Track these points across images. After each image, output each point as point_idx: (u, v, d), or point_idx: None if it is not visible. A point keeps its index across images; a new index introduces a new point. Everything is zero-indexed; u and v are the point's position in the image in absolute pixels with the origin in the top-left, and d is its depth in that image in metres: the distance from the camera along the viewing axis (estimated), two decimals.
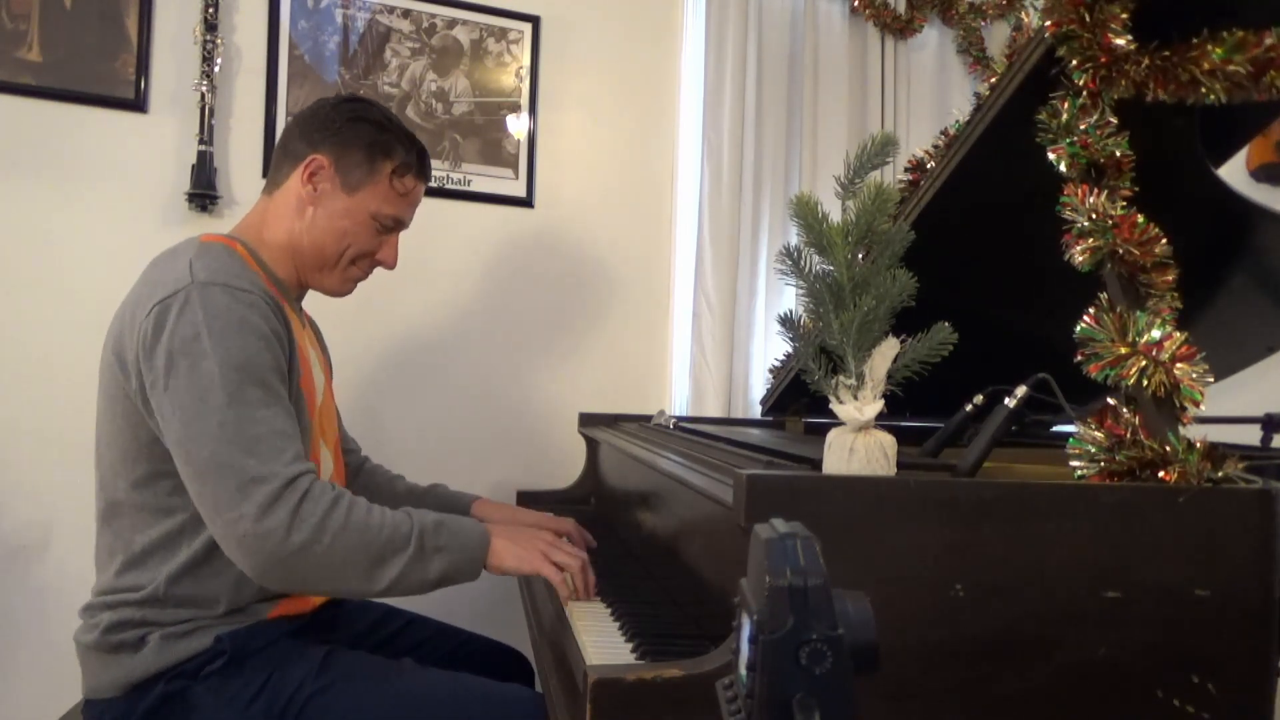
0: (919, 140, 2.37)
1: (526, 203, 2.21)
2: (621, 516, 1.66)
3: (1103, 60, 1.07)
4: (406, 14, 2.12)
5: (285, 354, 1.17)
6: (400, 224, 1.35)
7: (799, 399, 1.94)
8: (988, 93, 1.23)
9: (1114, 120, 1.08)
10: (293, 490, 1.05)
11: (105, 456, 1.19)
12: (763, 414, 2.13)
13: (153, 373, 1.09)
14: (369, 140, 1.28)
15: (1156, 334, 0.96)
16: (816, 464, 0.96)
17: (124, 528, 1.16)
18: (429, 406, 2.13)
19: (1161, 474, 0.89)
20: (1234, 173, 1.77)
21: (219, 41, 1.92)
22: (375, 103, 1.37)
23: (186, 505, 1.12)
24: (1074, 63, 1.08)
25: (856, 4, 2.45)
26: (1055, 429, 1.61)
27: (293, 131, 1.31)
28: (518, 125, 2.21)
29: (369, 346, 2.08)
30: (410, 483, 1.63)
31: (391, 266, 1.37)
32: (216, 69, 1.92)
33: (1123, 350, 0.96)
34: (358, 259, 1.33)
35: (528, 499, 1.95)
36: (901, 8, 2.50)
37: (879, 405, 0.91)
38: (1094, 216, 1.04)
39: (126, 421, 1.14)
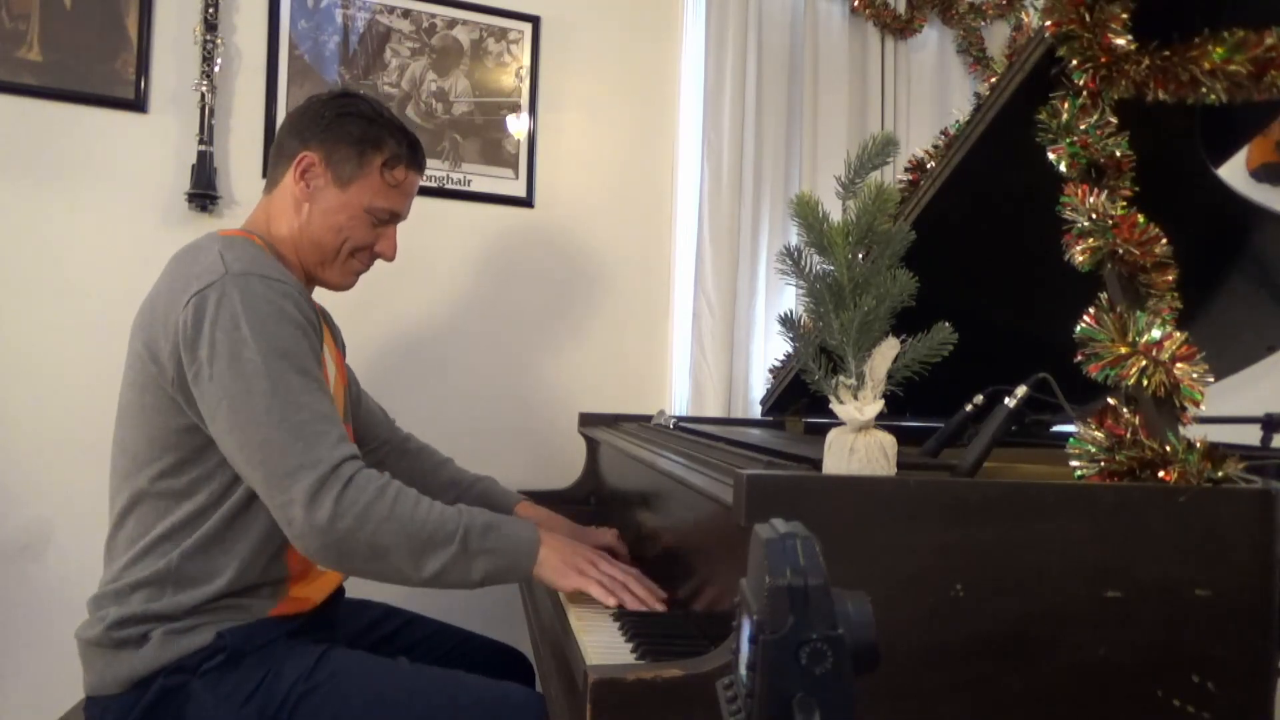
0: (919, 140, 2.37)
1: (526, 203, 2.21)
2: (621, 516, 1.66)
3: (1103, 60, 1.07)
4: (406, 14, 2.12)
5: (318, 342, 1.20)
6: (396, 216, 1.37)
7: (799, 399, 1.94)
8: (988, 93, 1.23)
9: (1114, 120, 1.08)
10: (337, 477, 1.08)
11: (131, 448, 1.20)
12: (763, 414, 2.13)
13: (195, 364, 1.11)
14: (358, 134, 1.29)
15: (1156, 334, 0.96)
16: (816, 464, 0.96)
17: (146, 514, 1.18)
18: (429, 406, 2.12)
19: (1161, 474, 0.89)
20: (1234, 173, 1.77)
21: (219, 41, 1.92)
22: (365, 96, 1.38)
23: (207, 489, 1.16)
24: (1074, 63, 1.08)
25: (856, 4, 2.45)
26: (1055, 429, 1.61)
27: (285, 129, 1.34)
28: (518, 125, 2.21)
29: (369, 346, 2.08)
30: (458, 471, 1.64)
31: (390, 258, 1.39)
32: (216, 69, 1.92)
33: (1123, 350, 0.96)
34: (356, 252, 1.35)
35: (528, 499, 1.94)
36: (901, 8, 2.50)
37: (879, 405, 0.91)
38: (1094, 216, 1.04)
39: (157, 412, 1.16)
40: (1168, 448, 0.90)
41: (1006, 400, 1.05)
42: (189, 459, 1.16)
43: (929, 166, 1.44)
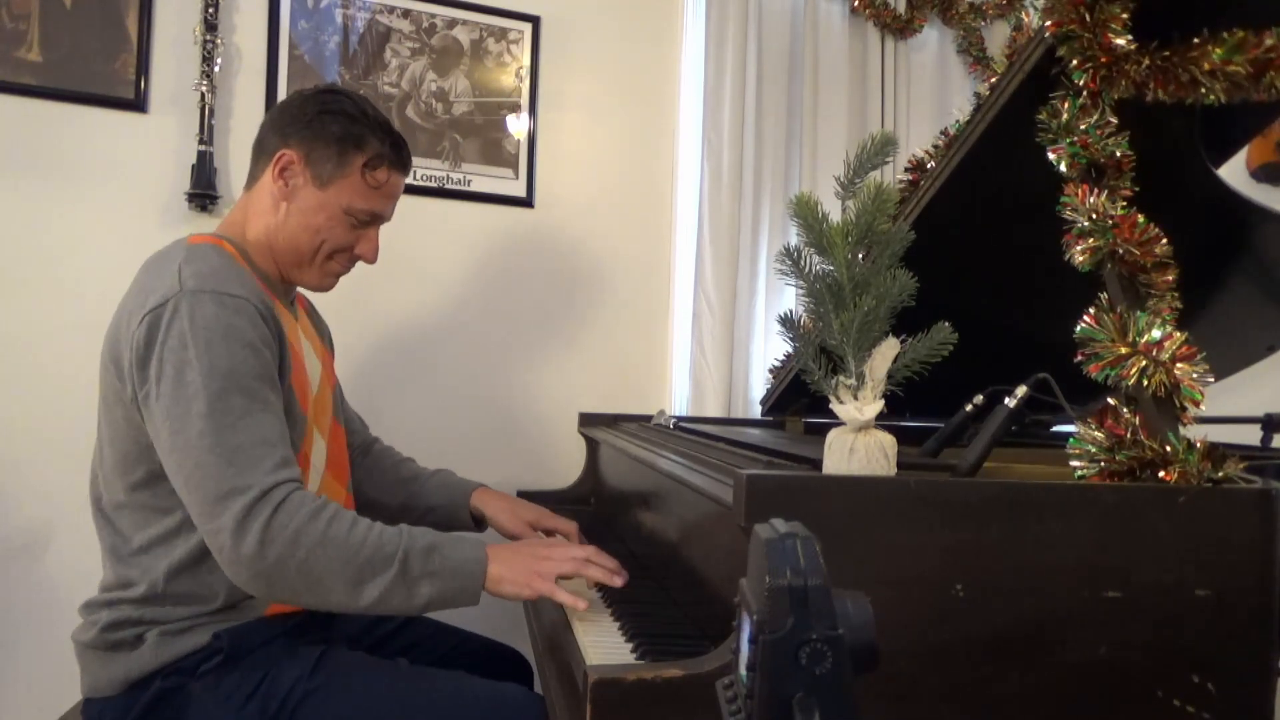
0: (919, 140, 2.37)
1: (526, 203, 2.21)
2: (621, 516, 1.66)
3: (1103, 60, 1.07)
4: (406, 14, 2.12)
5: (276, 357, 1.16)
6: (377, 218, 1.32)
7: (799, 399, 1.94)
8: (988, 93, 1.23)
9: (1114, 120, 1.08)
10: (266, 502, 1.04)
11: (106, 458, 1.19)
12: (763, 414, 2.13)
13: (145, 383, 1.09)
14: (340, 133, 1.25)
15: (1156, 334, 0.96)
16: (816, 464, 0.96)
17: (124, 525, 1.17)
18: (428, 406, 2.12)
19: (1161, 474, 0.89)
20: (1234, 173, 1.77)
21: (219, 41, 1.92)
22: (351, 93, 1.32)
23: (182, 505, 1.12)
24: (1074, 63, 1.08)
25: (856, 4, 2.44)
26: (1055, 429, 1.61)
27: (267, 125, 1.30)
28: (518, 125, 2.21)
29: (368, 346, 2.08)
30: (418, 467, 1.61)
31: (371, 261, 1.35)
32: (216, 69, 1.92)
33: (1123, 350, 0.96)
34: (334, 254, 1.30)
35: (527, 499, 1.94)
36: (901, 8, 2.50)
37: (879, 405, 0.91)
38: (1094, 216, 1.04)
39: (126, 425, 1.15)
40: (1168, 448, 0.90)
41: (1006, 400, 1.05)
42: (159, 474, 1.13)
43: (929, 166, 1.44)
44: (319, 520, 1.05)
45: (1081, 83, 1.08)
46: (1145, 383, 0.94)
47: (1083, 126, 1.08)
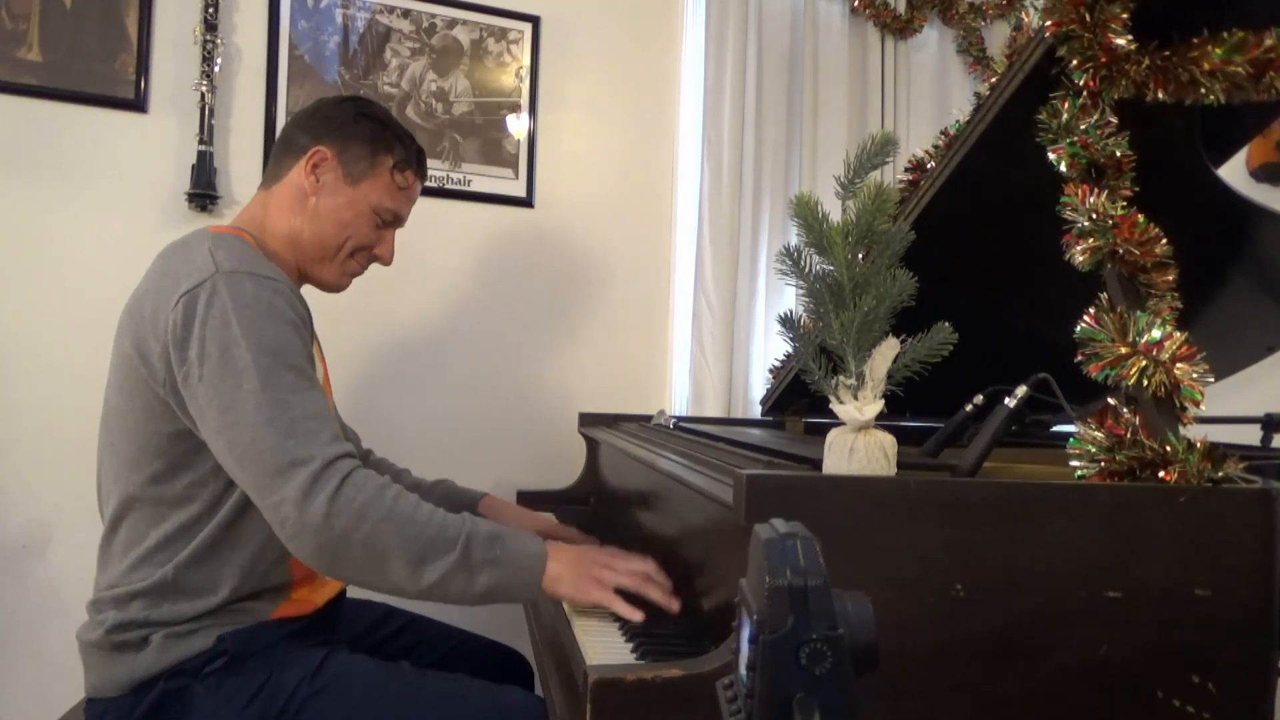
0: (919, 140, 2.38)
1: (526, 203, 2.21)
2: (621, 516, 1.66)
3: (1103, 60, 1.07)
4: (406, 14, 2.12)
5: (310, 340, 1.19)
6: (398, 219, 1.38)
7: (799, 399, 1.94)
8: (988, 93, 1.23)
9: (1114, 120, 1.08)
10: (333, 472, 1.04)
11: (121, 451, 1.18)
12: (763, 414, 2.13)
13: (185, 364, 1.09)
14: (372, 135, 1.31)
15: (1156, 334, 0.96)
16: (816, 464, 0.96)
17: (139, 521, 1.16)
18: (428, 406, 2.13)
19: (1161, 474, 0.89)
20: (1234, 173, 1.77)
21: (219, 41, 1.92)
22: (375, 102, 1.40)
23: (201, 496, 1.14)
24: (1074, 63, 1.08)
25: (856, 4, 2.45)
26: (1055, 429, 1.61)
27: (294, 126, 1.34)
28: (518, 125, 2.21)
29: (369, 346, 2.08)
30: (416, 478, 1.63)
31: (387, 262, 1.39)
32: (216, 69, 1.92)
33: (1123, 350, 0.96)
34: (356, 252, 1.35)
35: (528, 499, 1.95)
36: (901, 8, 2.50)
37: (879, 405, 0.91)
38: (1094, 216, 1.04)
39: (147, 415, 1.14)
40: (1168, 448, 0.90)
41: (1006, 400, 1.05)
42: (180, 464, 1.14)
43: (929, 166, 1.44)
44: (385, 496, 1.06)
45: (1081, 83, 1.08)
46: (1145, 383, 0.94)
47: (1083, 126, 1.08)
